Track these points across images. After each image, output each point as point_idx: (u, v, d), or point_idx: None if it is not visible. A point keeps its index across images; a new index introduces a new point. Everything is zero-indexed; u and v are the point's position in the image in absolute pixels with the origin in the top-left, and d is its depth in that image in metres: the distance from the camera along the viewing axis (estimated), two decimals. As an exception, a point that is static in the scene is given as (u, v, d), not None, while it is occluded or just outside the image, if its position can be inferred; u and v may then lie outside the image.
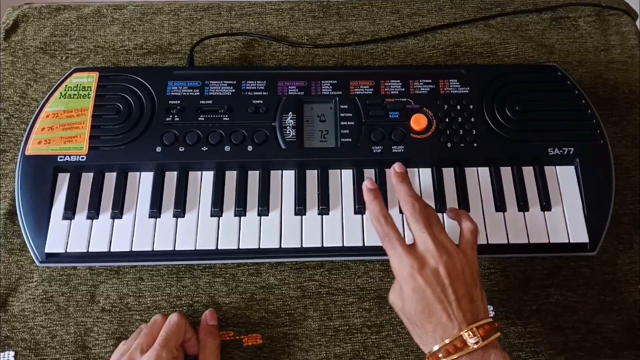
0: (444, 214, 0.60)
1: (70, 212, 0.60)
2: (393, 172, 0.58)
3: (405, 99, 0.65)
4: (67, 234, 0.59)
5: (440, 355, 0.47)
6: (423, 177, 0.63)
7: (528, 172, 0.63)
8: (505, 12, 0.79)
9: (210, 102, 0.64)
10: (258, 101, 0.64)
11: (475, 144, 0.63)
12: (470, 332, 0.47)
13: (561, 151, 0.63)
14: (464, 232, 0.54)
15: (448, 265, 0.50)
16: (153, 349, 0.51)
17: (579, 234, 0.60)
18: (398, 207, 0.59)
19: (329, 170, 0.63)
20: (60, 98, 0.64)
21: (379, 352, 0.59)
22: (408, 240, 0.53)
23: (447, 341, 0.47)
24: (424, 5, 0.80)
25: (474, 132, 0.63)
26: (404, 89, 0.65)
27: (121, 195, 0.61)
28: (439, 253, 0.50)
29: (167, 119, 0.63)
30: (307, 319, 0.60)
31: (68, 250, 0.59)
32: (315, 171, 0.63)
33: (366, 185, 0.56)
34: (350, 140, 0.63)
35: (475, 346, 0.47)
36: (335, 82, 0.65)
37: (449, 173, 0.63)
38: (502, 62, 0.75)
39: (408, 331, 0.52)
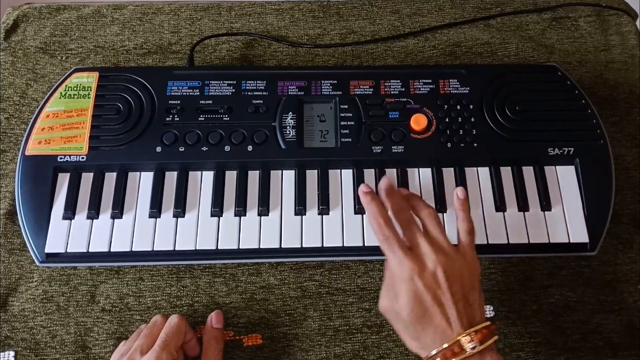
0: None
1: (70, 212, 0.60)
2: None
3: (405, 99, 0.65)
4: (67, 234, 0.59)
5: (438, 359, 0.48)
6: (423, 177, 0.63)
7: (528, 172, 0.63)
8: (505, 12, 0.79)
9: (210, 102, 0.64)
10: (258, 101, 0.64)
11: (475, 144, 0.63)
12: (468, 337, 0.48)
13: (561, 151, 0.63)
14: (460, 234, 0.54)
15: (446, 267, 0.50)
16: (153, 351, 0.51)
17: (579, 234, 0.61)
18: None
19: (329, 170, 0.63)
20: (60, 98, 0.64)
21: (379, 352, 0.59)
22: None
23: (445, 345, 0.48)
24: (424, 5, 0.80)
25: (474, 132, 0.63)
26: (404, 89, 0.65)
27: (121, 195, 0.61)
28: (437, 255, 0.50)
29: (167, 119, 0.63)
30: (307, 319, 0.60)
31: (68, 250, 0.59)
32: (315, 171, 0.63)
33: (361, 189, 0.57)
34: (350, 140, 0.63)
35: (473, 351, 0.47)
36: (335, 82, 0.65)
37: (449, 173, 0.63)
38: (502, 62, 0.75)
39: (401, 337, 0.52)
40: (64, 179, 0.62)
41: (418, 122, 0.63)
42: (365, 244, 0.59)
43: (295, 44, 0.76)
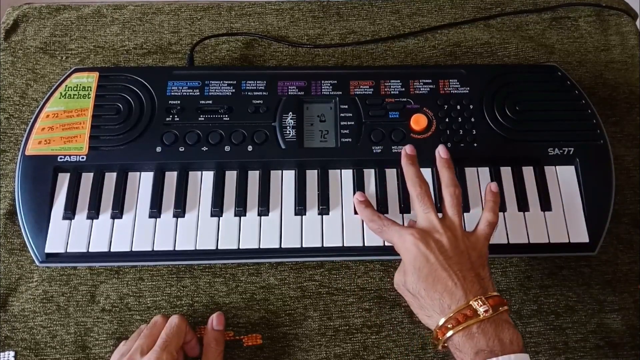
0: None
1: (70, 212, 0.60)
2: (403, 153, 0.57)
3: (405, 99, 0.65)
4: (67, 234, 0.59)
5: (449, 326, 0.46)
6: (423, 177, 0.63)
7: (528, 172, 0.63)
8: (505, 12, 0.79)
9: (210, 102, 0.64)
10: (258, 101, 0.64)
11: (475, 144, 0.63)
12: (479, 301, 0.46)
13: (561, 151, 0.63)
14: (481, 222, 0.54)
15: (452, 241, 0.49)
16: (153, 351, 0.51)
17: (579, 234, 0.61)
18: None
19: (329, 170, 0.63)
20: (60, 98, 0.64)
21: (379, 352, 0.59)
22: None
23: (454, 311, 0.46)
24: (424, 5, 0.80)
25: (474, 132, 0.63)
26: (404, 89, 0.65)
27: (121, 195, 0.61)
28: (444, 230, 0.50)
29: (167, 119, 0.63)
30: (307, 319, 0.60)
31: (68, 250, 0.59)
32: (315, 171, 0.63)
33: (356, 197, 0.58)
34: (350, 140, 0.63)
35: (486, 315, 0.45)
36: (335, 82, 0.65)
37: (449, 173, 0.63)
38: (502, 62, 0.75)
39: (414, 312, 0.51)
40: (64, 179, 0.62)
41: (418, 122, 0.63)
42: (365, 244, 0.59)
43: (295, 44, 0.76)
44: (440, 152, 0.58)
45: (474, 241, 0.52)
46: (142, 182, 0.62)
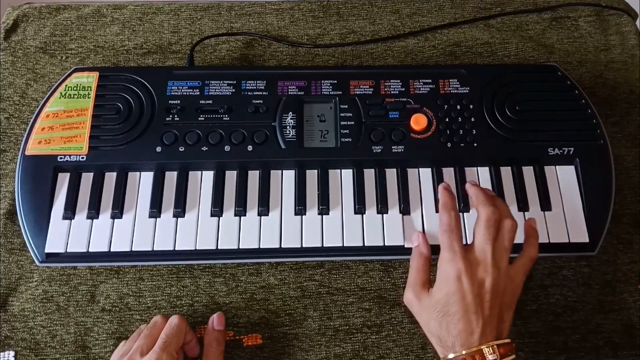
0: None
1: (70, 212, 0.60)
2: (469, 184, 0.59)
3: (405, 99, 0.65)
4: (67, 233, 0.59)
5: None
6: (423, 177, 0.63)
7: (528, 172, 0.63)
8: (505, 12, 0.79)
9: (210, 102, 0.64)
10: (258, 101, 0.64)
11: (475, 144, 0.63)
12: (491, 349, 0.48)
13: (561, 151, 0.63)
14: (523, 256, 0.55)
15: (495, 281, 0.51)
16: (153, 352, 0.51)
17: (579, 234, 0.60)
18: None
19: (329, 170, 0.63)
20: (60, 98, 0.64)
21: (379, 352, 0.59)
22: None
23: (466, 352, 0.48)
24: (424, 5, 0.80)
25: (474, 132, 0.63)
26: (404, 89, 0.65)
27: (121, 195, 0.61)
28: (492, 268, 0.51)
29: (167, 118, 0.63)
30: (307, 319, 0.60)
31: (68, 250, 0.59)
32: (315, 171, 0.63)
33: (443, 185, 0.59)
34: (350, 140, 0.63)
35: None
36: (335, 82, 0.65)
37: (449, 173, 0.63)
38: (502, 62, 0.75)
39: (421, 326, 0.53)
40: (64, 179, 0.62)
41: (418, 122, 0.63)
42: (365, 244, 0.59)
43: (295, 44, 0.76)
44: (471, 182, 0.59)
45: (514, 275, 0.53)
46: (142, 182, 0.62)
